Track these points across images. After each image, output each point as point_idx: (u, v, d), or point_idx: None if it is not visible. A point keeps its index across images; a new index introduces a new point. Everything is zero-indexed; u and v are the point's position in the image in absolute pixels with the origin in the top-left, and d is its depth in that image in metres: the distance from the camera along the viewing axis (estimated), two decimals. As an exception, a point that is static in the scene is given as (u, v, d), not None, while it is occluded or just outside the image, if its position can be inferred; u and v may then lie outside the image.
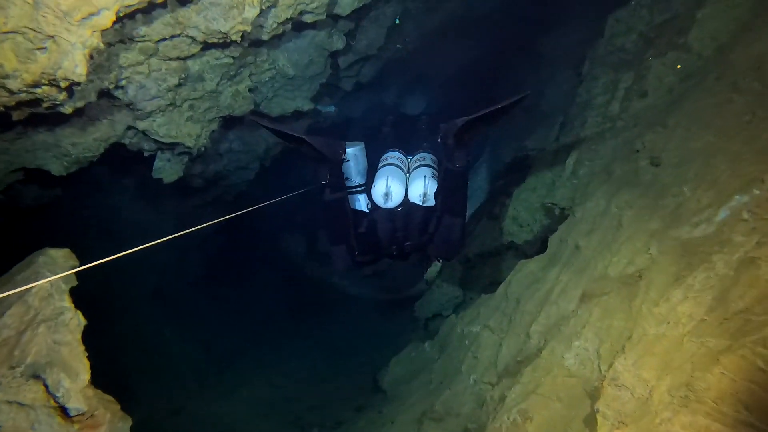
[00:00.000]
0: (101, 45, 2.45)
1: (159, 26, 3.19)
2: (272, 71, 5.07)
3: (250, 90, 4.93)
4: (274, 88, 5.43)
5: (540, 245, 5.80)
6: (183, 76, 3.86)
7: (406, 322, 7.92)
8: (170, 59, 3.64)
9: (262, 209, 3.12)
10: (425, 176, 3.33)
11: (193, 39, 3.49)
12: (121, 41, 3.13)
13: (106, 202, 7.80)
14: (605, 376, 2.77)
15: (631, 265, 3.41)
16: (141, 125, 4.08)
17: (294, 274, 10.79)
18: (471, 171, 9.96)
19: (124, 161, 5.49)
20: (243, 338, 8.39)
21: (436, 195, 3.22)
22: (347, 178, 3.30)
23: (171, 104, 4.09)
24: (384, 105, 10.30)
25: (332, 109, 6.85)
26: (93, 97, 3.23)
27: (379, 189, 3.27)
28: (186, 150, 4.70)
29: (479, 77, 9.89)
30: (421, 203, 3.29)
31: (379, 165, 3.53)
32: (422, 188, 3.29)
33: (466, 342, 4.96)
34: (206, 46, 3.77)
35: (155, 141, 4.42)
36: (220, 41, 3.59)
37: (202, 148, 4.88)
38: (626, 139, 4.50)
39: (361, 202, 3.48)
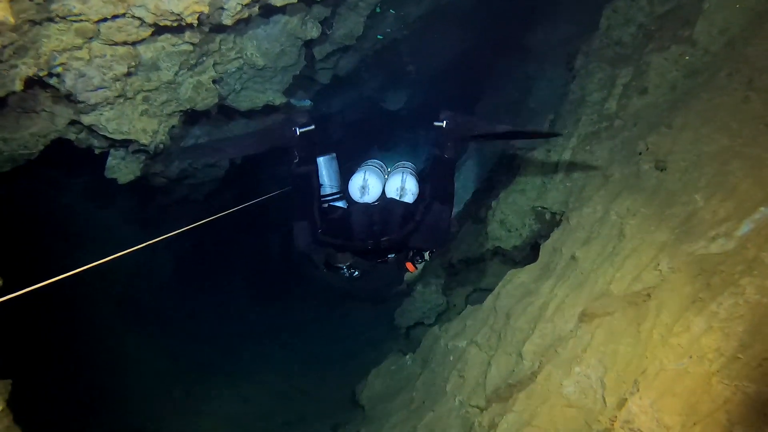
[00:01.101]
0: (10, 19, 1.97)
1: (97, 3, 2.71)
2: (239, 61, 4.59)
3: (214, 81, 4.45)
4: (243, 80, 4.95)
5: (530, 252, 5.45)
6: (133, 64, 3.37)
7: (386, 329, 7.52)
8: (116, 44, 3.15)
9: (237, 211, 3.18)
10: (403, 172, 3.31)
11: (142, 20, 3.01)
12: (49, 19, 2.64)
13: (61, 201, 7.23)
14: (616, 417, 2.40)
15: (638, 281, 3.06)
16: (86, 120, 3.58)
17: (270, 277, 10.31)
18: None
19: (77, 157, 4.98)
20: (213, 347, 7.89)
21: (422, 184, 3.19)
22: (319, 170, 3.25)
23: (121, 96, 3.59)
24: (363, 99, 9.88)
25: (308, 103, 6.39)
26: (17, 86, 2.73)
27: (356, 182, 3.23)
28: (142, 148, 4.20)
29: (463, 72, 9.54)
30: (398, 197, 3.23)
31: (358, 167, 3.47)
32: (399, 182, 3.24)
33: (451, 358, 4.58)
34: (159, 30, 3.29)
35: (105, 137, 3.92)
36: (175, 24, 3.12)
37: (161, 146, 4.39)
38: (625, 139, 4.16)
39: (340, 206, 3.41)
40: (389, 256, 3.39)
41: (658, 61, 3.99)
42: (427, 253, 3.47)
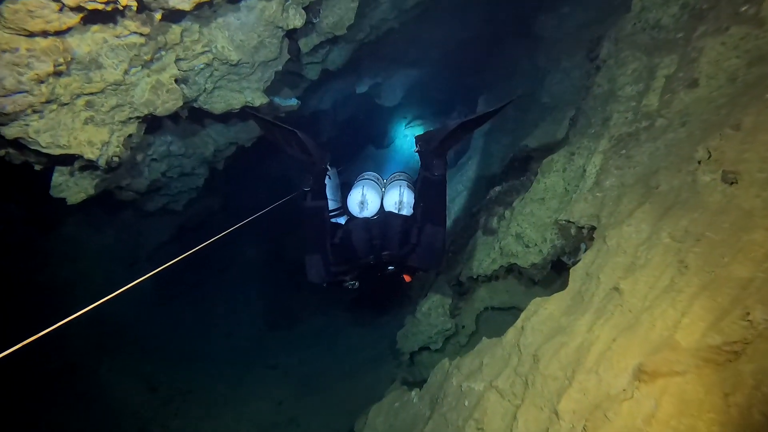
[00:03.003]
0: None
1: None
2: (208, 55, 3.86)
3: (177, 81, 3.71)
4: (214, 78, 4.21)
5: (552, 272, 4.76)
6: (62, 60, 2.63)
7: (387, 350, 6.83)
8: (33, 34, 2.42)
9: (223, 219, 3.07)
10: (400, 186, 3.35)
11: (62, 2, 2.28)
12: None
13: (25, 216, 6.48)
14: None
15: (716, 332, 2.36)
16: (8, 132, 2.84)
17: (260, 292, 9.59)
18: (456, 170, 8.90)
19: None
20: (196, 371, 7.17)
21: (415, 205, 3.21)
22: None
23: (51, 102, 2.86)
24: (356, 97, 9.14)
25: (294, 102, 5.65)
26: None
27: (354, 197, 3.29)
28: (90, 163, 3.47)
29: (464, 64, 8.81)
30: (396, 211, 3.28)
31: (355, 182, 3.50)
32: (397, 196, 3.30)
33: (466, 403, 3.88)
34: (91, 17, 2.56)
35: (40, 153, 3.18)
36: (109, 8, 2.39)
37: (115, 159, 3.66)
38: (672, 142, 3.45)
39: (340, 222, 3.44)
40: (389, 268, 3.44)
41: (713, 47, 3.29)
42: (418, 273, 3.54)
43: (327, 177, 3.16)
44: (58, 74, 2.70)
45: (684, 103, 3.46)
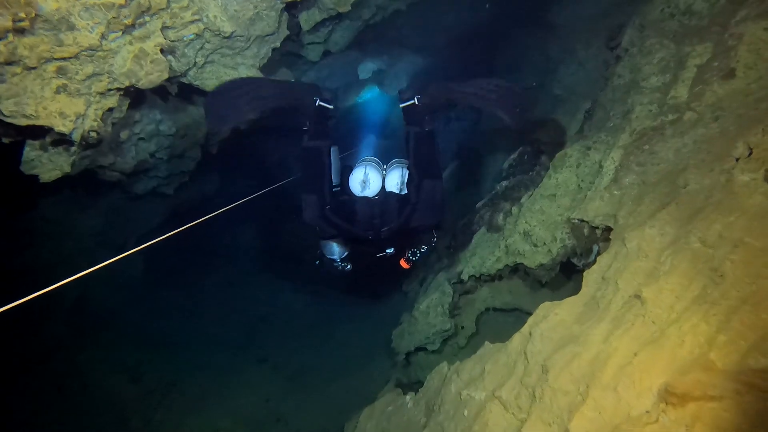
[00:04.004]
0: None
1: None
2: (199, 25, 3.53)
3: (164, 51, 3.38)
4: (206, 51, 3.88)
5: (562, 273, 4.47)
6: (22, 15, 2.31)
7: (381, 347, 6.55)
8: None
9: (217, 205, 3.05)
10: (402, 167, 3.38)
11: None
12: None
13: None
14: None
15: (760, 354, 2.08)
16: (-36, 97, 2.52)
17: (251, 278, 9.29)
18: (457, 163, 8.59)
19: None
20: (181, 361, 6.89)
21: (409, 166, 3.19)
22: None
23: (14, 63, 2.53)
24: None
25: (293, 84, 5.31)
26: None
27: (357, 176, 3.31)
28: (62, 137, 3.15)
29: (471, 53, 8.46)
30: (398, 192, 3.32)
31: (356, 163, 3.51)
32: (399, 177, 3.34)
33: (465, 413, 3.59)
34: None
35: (6, 124, 2.86)
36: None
37: (93, 135, 3.34)
38: (703, 138, 3.15)
39: None
40: (387, 251, 3.54)
41: (755, 33, 2.98)
42: (424, 247, 3.70)
43: (323, 107, 3.04)
44: (19, 31, 2.38)
45: (717, 96, 3.15)
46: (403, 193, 3.31)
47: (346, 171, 3.59)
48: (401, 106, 3.05)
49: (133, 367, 6.50)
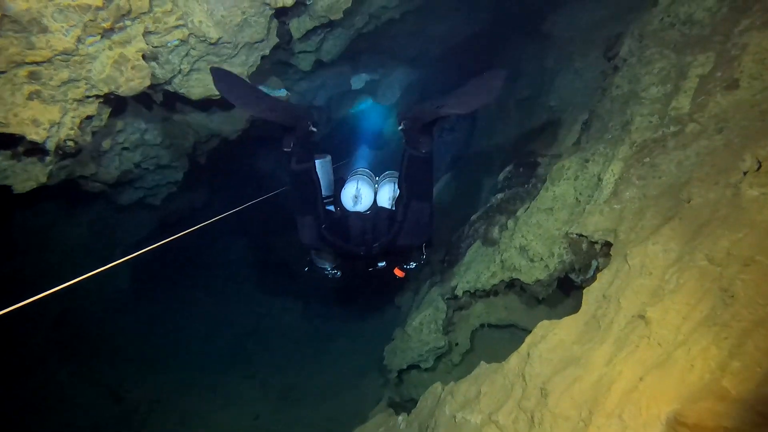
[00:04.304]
0: None
1: None
2: (183, 30, 3.39)
3: (146, 57, 3.24)
4: (191, 58, 3.74)
5: (559, 289, 4.33)
6: (-10, 17, 2.16)
7: (373, 363, 6.36)
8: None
9: (206, 216, 3.07)
10: (394, 182, 3.40)
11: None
12: None
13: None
14: None
15: (779, 382, 1.94)
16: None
17: (240, 292, 9.08)
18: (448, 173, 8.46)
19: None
20: (166, 380, 6.66)
21: (399, 183, 3.19)
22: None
23: (-19, 68, 2.38)
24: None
25: (283, 93, 5.19)
26: None
27: (348, 191, 3.35)
28: (36, 145, 2.99)
29: (469, 63, 8.38)
30: (389, 207, 3.35)
31: (348, 176, 3.54)
32: (391, 192, 3.37)
33: (460, 436, 3.44)
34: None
35: (-26, 130, 2.70)
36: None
37: (70, 144, 3.17)
38: (706, 150, 3.03)
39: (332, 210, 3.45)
40: (380, 264, 3.53)
41: (760, 42, 2.88)
42: (416, 263, 3.66)
43: (313, 131, 3.05)
44: (-14, 34, 2.23)
45: (721, 107, 3.05)
46: (393, 209, 3.32)
47: (339, 183, 3.60)
48: (399, 129, 3.06)
49: (116, 385, 6.27)
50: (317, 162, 3.24)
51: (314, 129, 3.03)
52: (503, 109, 7.90)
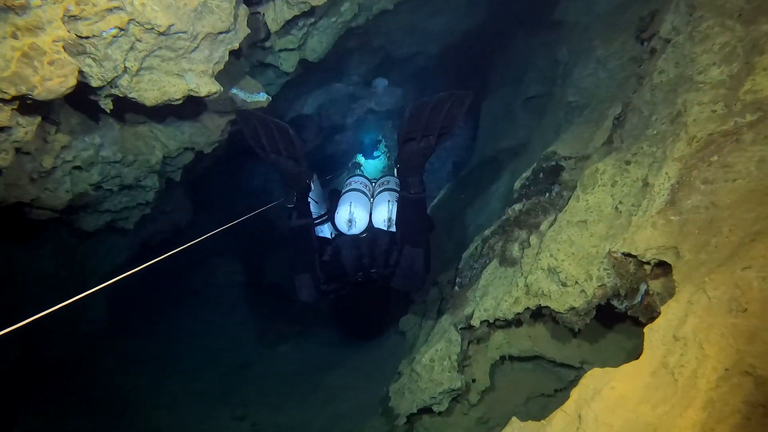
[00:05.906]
0: None
1: None
2: (120, 15, 2.66)
3: (70, 49, 2.52)
4: (138, 53, 3.01)
5: (601, 320, 3.59)
6: None
7: (376, 400, 5.60)
8: None
9: (191, 237, 2.86)
10: (389, 201, 3.35)
11: None
12: None
13: None
14: None
15: None
16: None
17: (227, 319, 8.33)
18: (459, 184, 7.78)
19: None
20: (144, 425, 5.87)
21: (396, 224, 3.18)
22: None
23: None
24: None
25: (262, 97, 4.47)
26: None
27: (342, 216, 3.29)
28: None
29: (470, 62, 7.73)
30: (385, 228, 3.31)
31: (343, 191, 3.49)
32: (386, 213, 3.31)
33: None
34: None
35: None
36: None
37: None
38: (802, 143, 2.33)
39: (325, 231, 3.42)
40: (377, 285, 3.47)
41: None
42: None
43: (311, 190, 3.09)
44: None
45: (817, 86, 2.35)
46: (391, 230, 3.28)
47: (333, 195, 3.55)
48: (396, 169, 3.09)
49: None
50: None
51: (312, 186, 3.11)
52: (507, 110, 7.22)
